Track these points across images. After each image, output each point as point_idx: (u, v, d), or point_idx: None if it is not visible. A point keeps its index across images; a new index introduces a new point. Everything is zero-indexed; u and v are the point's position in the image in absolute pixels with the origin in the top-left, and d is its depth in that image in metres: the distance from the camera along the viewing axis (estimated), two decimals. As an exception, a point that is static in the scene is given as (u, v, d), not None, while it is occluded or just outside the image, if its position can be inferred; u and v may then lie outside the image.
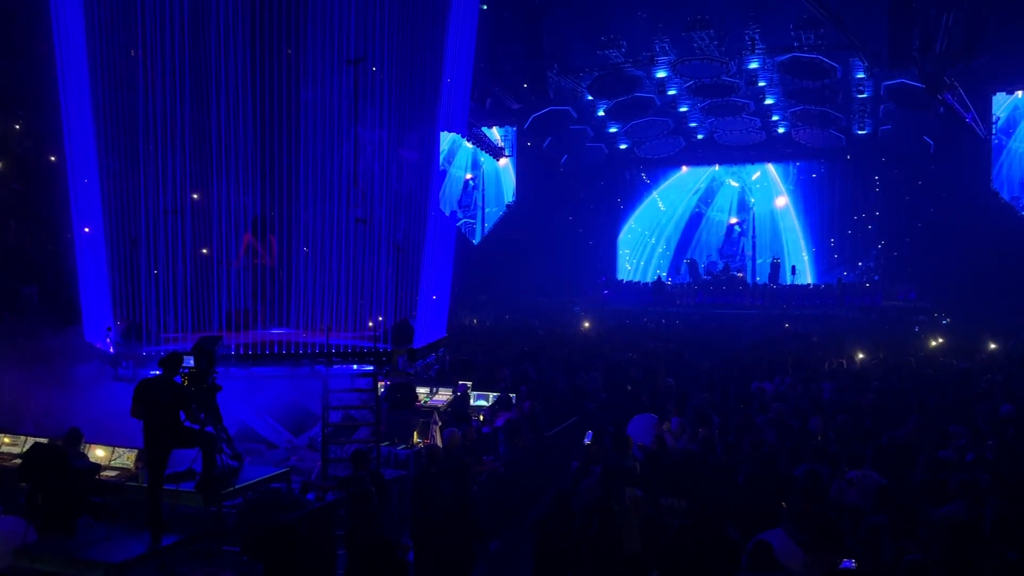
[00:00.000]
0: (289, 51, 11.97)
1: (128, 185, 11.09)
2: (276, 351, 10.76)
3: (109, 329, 10.64)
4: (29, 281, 14.76)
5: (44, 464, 7.28)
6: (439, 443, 10.03)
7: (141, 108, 10.81)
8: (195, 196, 11.42)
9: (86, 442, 8.57)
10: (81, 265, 11.55)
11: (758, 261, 32.87)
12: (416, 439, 10.75)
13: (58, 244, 16.09)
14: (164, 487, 7.38)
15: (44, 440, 8.39)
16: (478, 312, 26.46)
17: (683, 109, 29.60)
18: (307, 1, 11.81)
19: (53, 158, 18.15)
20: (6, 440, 9.13)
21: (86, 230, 11.57)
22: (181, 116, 10.98)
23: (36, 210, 17.10)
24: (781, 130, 30.86)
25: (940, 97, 22.89)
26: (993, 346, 17.68)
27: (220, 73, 11.22)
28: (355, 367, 10.94)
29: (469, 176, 33.33)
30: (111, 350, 10.54)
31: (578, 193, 34.63)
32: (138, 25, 10.81)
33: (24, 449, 8.51)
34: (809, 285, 30.93)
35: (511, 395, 12.97)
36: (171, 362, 7.50)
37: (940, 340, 19.38)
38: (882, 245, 31.02)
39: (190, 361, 8.14)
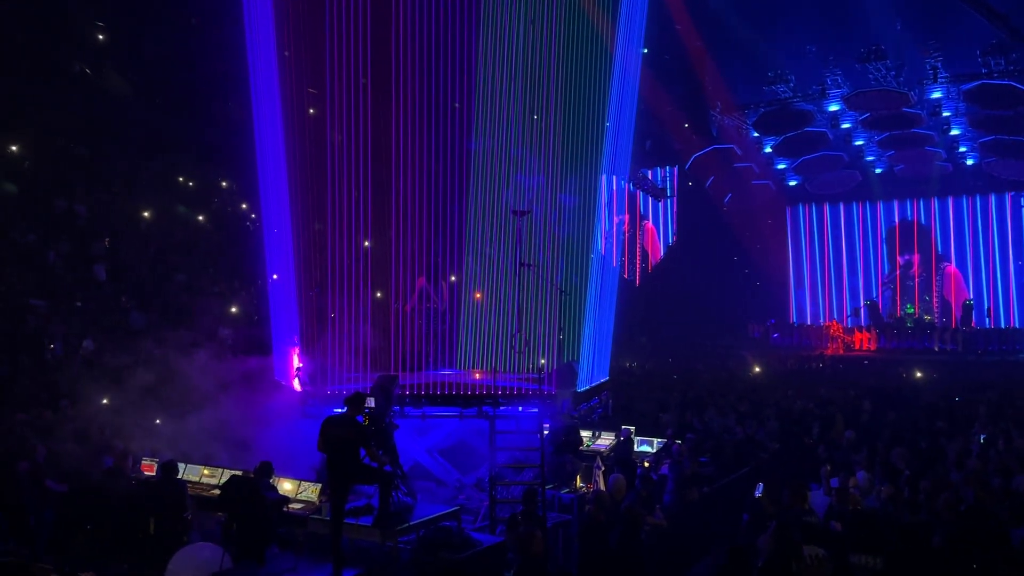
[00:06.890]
0: (456, 104, 12.55)
1: (314, 234, 11.96)
2: (446, 392, 11.11)
3: (298, 369, 11.38)
4: (225, 324, 16.08)
5: (239, 495, 7.84)
6: (603, 488, 9.87)
7: (328, 163, 11.67)
8: (366, 243, 12.10)
9: (275, 475, 9.12)
10: (273, 309, 12.50)
11: (948, 303, 30.29)
12: (579, 483, 10.65)
13: (251, 289, 17.57)
14: (344, 521, 7.74)
15: (239, 472, 8.94)
16: (639, 355, 26.04)
17: (859, 143, 28.12)
18: (475, 56, 12.40)
19: (247, 210, 20.01)
20: (205, 472, 9.71)
21: (274, 277, 12.54)
22: (364, 169, 11.75)
23: (233, 258, 18.78)
24: (970, 162, 28.58)
25: None
26: None
27: (398, 128, 11.95)
28: (520, 409, 11.07)
29: (628, 217, 33.18)
30: (299, 388, 11.27)
31: (743, 232, 33.48)
32: (327, 89, 11.75)
33: (221, 481, 9.09)
34: (1009, 328, 28.10)
35: (677, 442, 12.60)
36: (355, 401, 7.86)
37: None
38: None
39: (370, 401, 8.53)
